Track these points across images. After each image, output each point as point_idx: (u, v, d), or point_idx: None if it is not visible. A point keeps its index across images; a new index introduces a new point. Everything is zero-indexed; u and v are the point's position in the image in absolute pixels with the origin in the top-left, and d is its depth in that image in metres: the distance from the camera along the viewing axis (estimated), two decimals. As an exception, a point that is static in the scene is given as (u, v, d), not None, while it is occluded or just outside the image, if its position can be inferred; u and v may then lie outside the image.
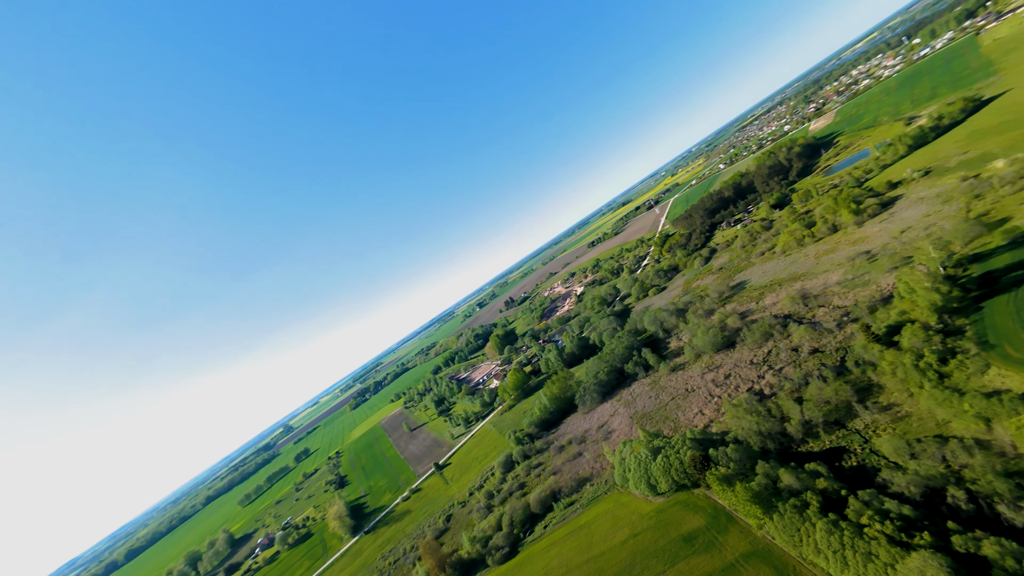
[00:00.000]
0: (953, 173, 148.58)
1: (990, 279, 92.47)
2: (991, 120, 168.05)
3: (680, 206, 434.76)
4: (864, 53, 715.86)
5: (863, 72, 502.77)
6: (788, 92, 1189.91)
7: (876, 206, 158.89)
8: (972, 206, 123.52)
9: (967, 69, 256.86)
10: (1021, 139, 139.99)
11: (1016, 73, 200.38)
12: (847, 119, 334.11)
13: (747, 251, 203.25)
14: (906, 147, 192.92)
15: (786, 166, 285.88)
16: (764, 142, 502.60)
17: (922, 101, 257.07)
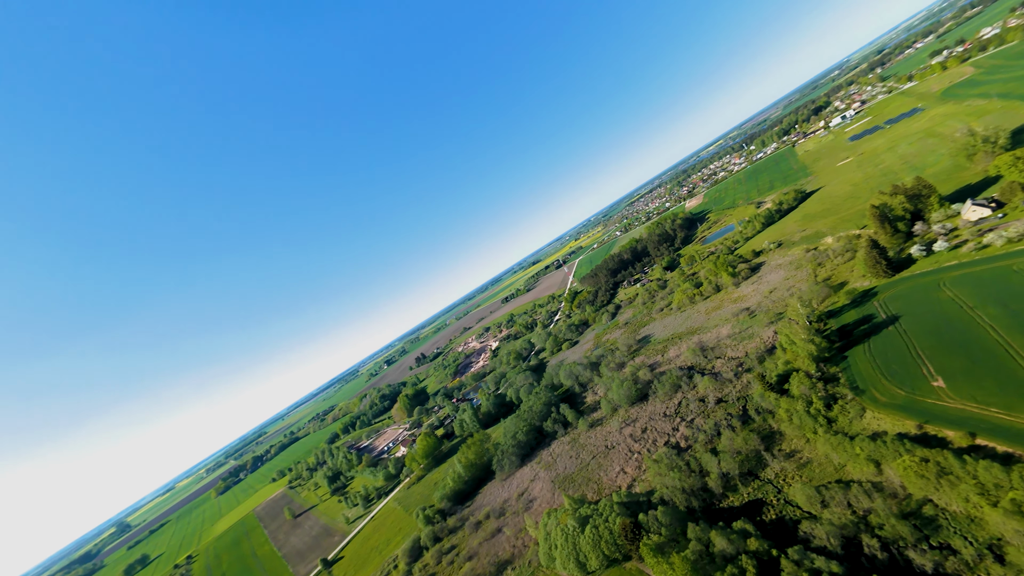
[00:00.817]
0: (798, 246, 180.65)
1: (845, 332, 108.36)
2: (816, 207, 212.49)
3: (585, 266, 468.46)
4: (716, 153, 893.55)
5: (719, 167, 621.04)
6: (664, 178, 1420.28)
7: (747, 270, 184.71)
8: (818, 272, 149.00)
9: (791, 170, 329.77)
10: (840, 222, 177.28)
11: (824, 175, 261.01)
12: (713, 200, 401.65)
13: (648, 307, 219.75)
14: (760, 224, 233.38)
15: (672, 235, 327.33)
16: (651, 215, 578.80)
17: (765, 191, 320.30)
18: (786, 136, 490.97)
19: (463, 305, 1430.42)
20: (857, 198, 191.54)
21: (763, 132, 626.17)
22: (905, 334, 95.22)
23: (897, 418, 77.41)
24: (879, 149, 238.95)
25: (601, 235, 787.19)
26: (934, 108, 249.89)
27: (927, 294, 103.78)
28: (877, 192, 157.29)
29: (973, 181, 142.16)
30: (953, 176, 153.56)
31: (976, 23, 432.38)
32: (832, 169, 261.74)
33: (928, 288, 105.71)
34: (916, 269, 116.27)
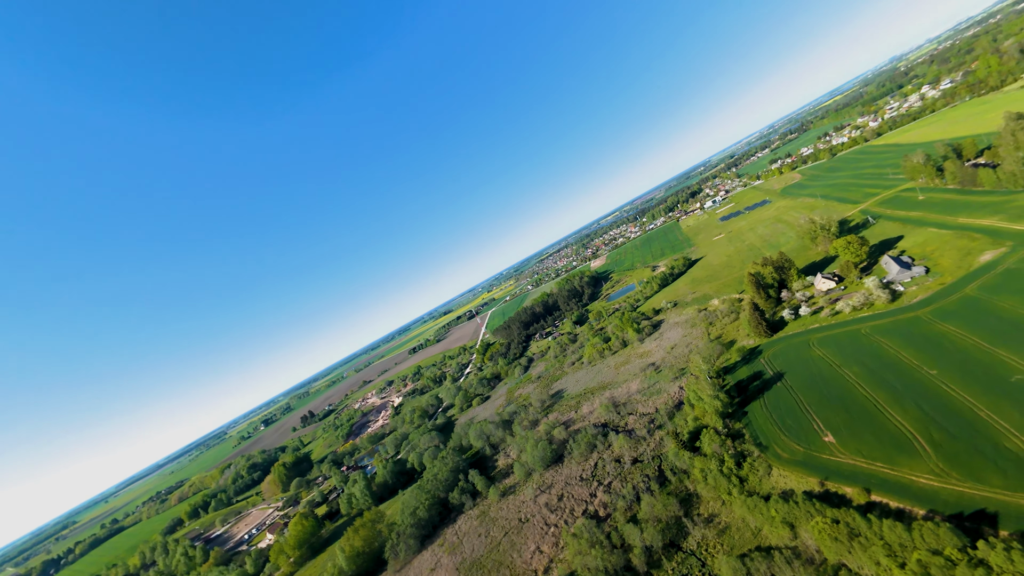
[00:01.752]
0: (691, 306, 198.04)
1: (742, 388, 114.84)
2: (701, 273, 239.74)
3: (498, 318, 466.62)
4: (615, 222, 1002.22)
5: (618, 233, 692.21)
6: (570, 240, 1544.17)
7: (650, 327, 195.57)
8: (710, 331, 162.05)
9: (678, 240, 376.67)
10: (722, 286, 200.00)
11: (704, 246, 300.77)
12: (615, 262, 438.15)
13: (560, 361, 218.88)
14: (657, 285, 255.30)
15: (580, 291, 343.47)
16: (561, 271, 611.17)
17: (658, 256, 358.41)
18: (671, 212, 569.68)
19: (365, 356, 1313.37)
20: (732, 267, 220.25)
21: (652, 207, 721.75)
22: (792, 390, 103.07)
23: (801, 475, 79.41)
24: (743, 229, 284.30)
25: (514, 288, 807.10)
26: (778, 201, 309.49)
27: (801, 352, 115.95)
28: (751, 263, 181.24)
29: (817, 259, 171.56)
30: (802, 254, 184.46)
31: (796, 143, 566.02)
32: (710, 242, 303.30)
33: (801, 347, 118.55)
34: (789, 330, 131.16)
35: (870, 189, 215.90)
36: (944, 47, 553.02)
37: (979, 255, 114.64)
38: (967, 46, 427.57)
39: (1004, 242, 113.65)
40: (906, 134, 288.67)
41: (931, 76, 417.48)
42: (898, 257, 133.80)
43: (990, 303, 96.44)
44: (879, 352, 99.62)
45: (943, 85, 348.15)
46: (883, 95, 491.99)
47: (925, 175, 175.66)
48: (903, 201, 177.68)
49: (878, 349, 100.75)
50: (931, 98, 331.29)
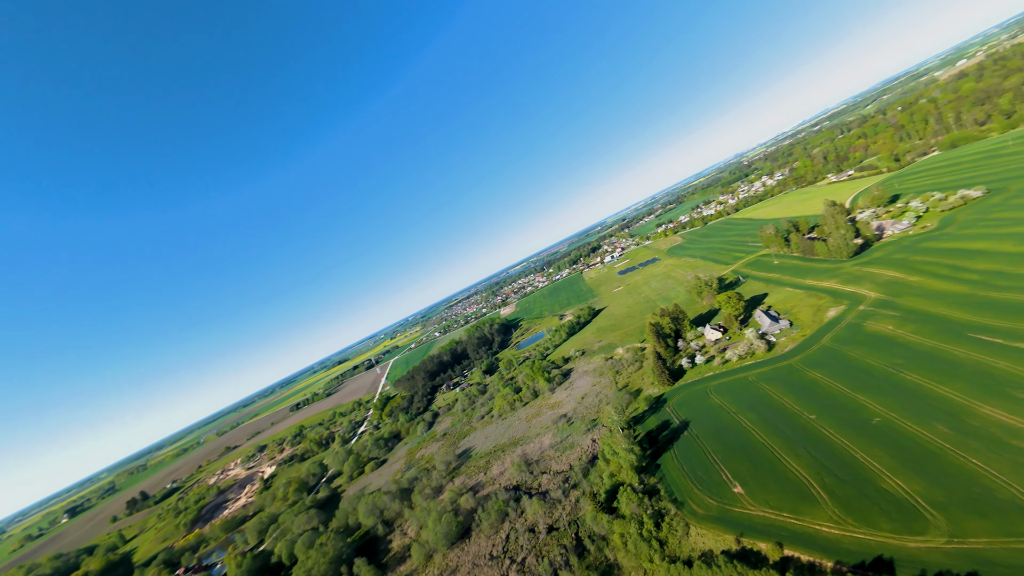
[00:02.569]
0: (598, 355, 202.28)
1: (652, 438, 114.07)
2: (606, 322, 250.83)
3: (401, 367, 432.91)
4: (523, 272, 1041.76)
5: (527, 282, 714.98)
6: (480, 287, 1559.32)
7: (560, 376, 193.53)
8: (617, 380, 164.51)
9: (582, 291, 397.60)
10: (626, 336, 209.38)
11: (606, 297, 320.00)
12: (524, 310, 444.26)
13: (468, 415, 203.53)
14: (565, 334, 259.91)
15: (490, 339, 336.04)
16: (470, 318, 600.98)
17: (565, 305, 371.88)
18: (575, 265, 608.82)
19: (233, 415, 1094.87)
20: (633, 317, 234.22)
21: (558, 260, 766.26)
22: (699, 439, 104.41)
23: (717, 532, 76.66)
24: (639, 283, 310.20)
25: (420, 335, 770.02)
26: (665, 259, 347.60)
27: (702, 400, 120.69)
28: (649, 313, 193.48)
29: (704, 311, 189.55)
30: (691, 306, 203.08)
31: (675, 212, 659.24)
32: (611, 293, 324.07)
33: (701, 395, 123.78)
34: (688, 378, 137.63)
35: (737, 253, 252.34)
36: (772, 150, 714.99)
37: (827, 311, 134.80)
38: (787, 151, 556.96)
39: (842, 301, 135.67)
40: (756, 211, 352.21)
41: (767, 170, 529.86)
42: (767, 311, 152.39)
43: (842, 353, 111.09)
44: (767, 399, 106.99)
45: (776, 177, 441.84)
46: (735, 180, 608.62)
47: (776, 244, 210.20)
48: (763, 264, 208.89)
49: (765, 396, 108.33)
50: (769, 186, 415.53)
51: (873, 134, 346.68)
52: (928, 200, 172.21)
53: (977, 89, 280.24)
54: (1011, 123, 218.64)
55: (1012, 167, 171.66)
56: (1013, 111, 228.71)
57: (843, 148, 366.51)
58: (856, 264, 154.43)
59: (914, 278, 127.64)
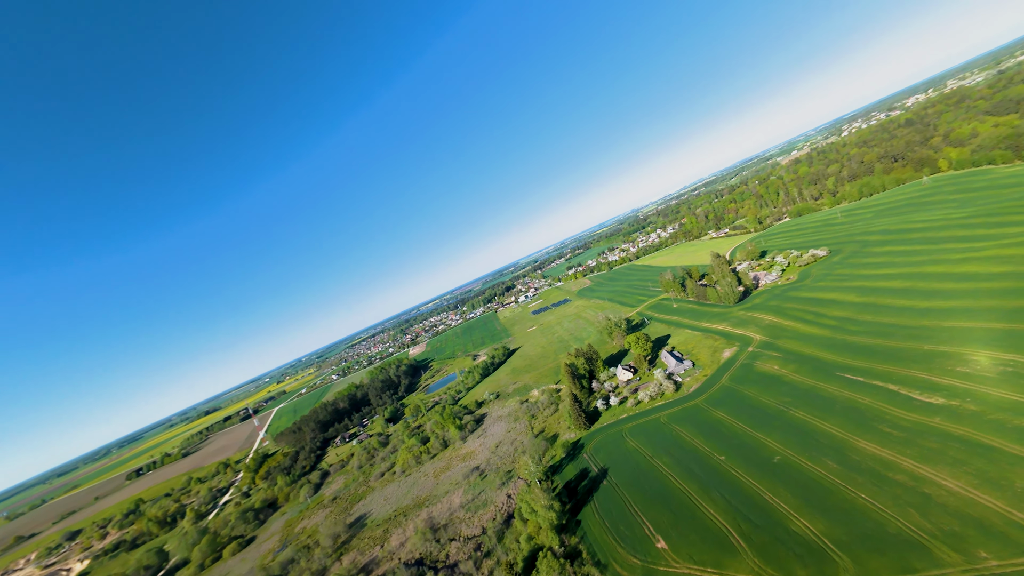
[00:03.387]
0: (513, 397, 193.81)
1: (572, 490, 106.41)
2: (520, 363, 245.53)
3: (287, 417, 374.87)
4: (436, 309, 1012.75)
5: (439, 320, 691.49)
6: (388, 324, 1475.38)
7: (472, 422, 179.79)
8: (533, 424, 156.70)
9: (496, 330, 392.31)
10: (541, 377, 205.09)
11: (520, 337, 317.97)
12: (435, 349, 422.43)
13: (365, 473, 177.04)
14: (479, 375, 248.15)
15: (396, 381, 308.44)
16: (374, 359, 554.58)
17: (479, 344, 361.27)
18: (489, 303, 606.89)
19: (40, 487, 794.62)
20: (547, 357, 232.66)
21: (472, 298, 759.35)
22: (618, 487, 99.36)
23: (644, 600, 69.55)
24: (552, 323, 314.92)
25: (313, 378, 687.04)
26: (576, 300, 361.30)
27: (619, 444, 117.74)
28: (564, 353, 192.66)
29: (615, 351, 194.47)
30: (602, 346, 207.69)
31: (583, 257, 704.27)
32: (525, 333, 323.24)
33: (617, 439, 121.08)
34: (604, 420, 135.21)
35: (640, 296, 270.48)
36: (663, 207, 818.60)
37: (722, 352, 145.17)
38: (676, 209, 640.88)
39: (734, 343, 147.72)
40: (654, 259, 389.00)
41: (660, 224, 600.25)
42: (672, 352, 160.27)
43: (740, 392, 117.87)
44: (679, 441, 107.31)
45: (669, 230, 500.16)
46: (634, 231, 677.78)
47: (674, 289, 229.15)
48: (664, 307, 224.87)
49: (678, 438, 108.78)
50: (663, 237, 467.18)
51: (740, 200, 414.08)
52: (788, 256, 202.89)
53: (810, 172, 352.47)
54: (836, 199, 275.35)
55: (843, 233, 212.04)
56: (836, 190, 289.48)
57: (719, 210, 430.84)
58: (741, 309, 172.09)
59: (787, 322, 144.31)
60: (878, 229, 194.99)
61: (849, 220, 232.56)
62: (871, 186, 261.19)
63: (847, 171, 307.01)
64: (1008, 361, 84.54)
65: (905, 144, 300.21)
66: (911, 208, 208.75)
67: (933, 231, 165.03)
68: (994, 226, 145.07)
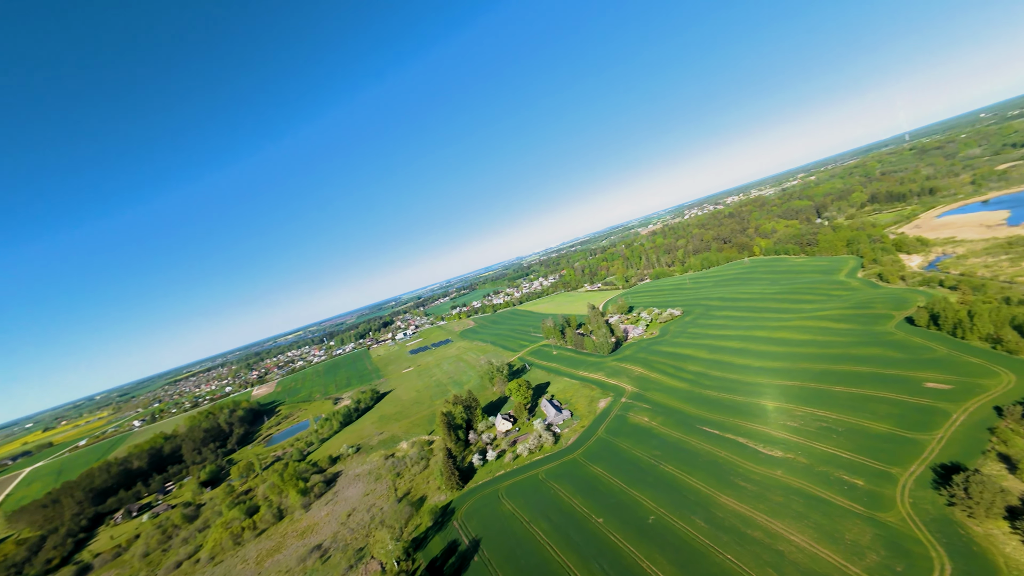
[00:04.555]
0: (377, 451, 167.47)
1: (436, 570, 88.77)
2: (391, 409, 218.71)
3: (43, 482, 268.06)
4: (296, 342, 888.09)
5: (298, 355, 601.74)
6: (232, 357, 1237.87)
7: (322, 484, 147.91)
8: (398, 485, 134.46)
9: (367, 370, 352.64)
10: (412, 426, 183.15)
11: (394, 379, 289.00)
12: (287, 390, 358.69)
13: (152, 563, 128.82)
14: (339, 423, 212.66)
15: (226, 431, 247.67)
16: (202, 400, 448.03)
17: (343, 386, 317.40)
18: (362, 339, 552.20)
19: None
20: (422, 403, 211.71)
21: (342, 331, 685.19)
22: (491, 564, 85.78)
23: None
24: (431, 364, 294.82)
25: (105, 424, 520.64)
26: (458, 342, 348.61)
27: (494, 508, 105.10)
28: (441, 400, 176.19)
29: (495, 398, 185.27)
30: (482, 392, 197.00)
31: (468, 297, 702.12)
32: (400, 374, 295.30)
33: (493, 501, 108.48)
34: (479, 478, 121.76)
35: (522, 341, 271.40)
36: (545, 258, 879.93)
37: (598, 402, 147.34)
38: (556, 261, 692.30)
39: (609, 393, 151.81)
40: (536, 305, 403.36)
41: (542, 273, 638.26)
42: (552, 400, 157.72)
43: (615, 444, 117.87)
44: (557, 501, 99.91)
45: (550, 279, 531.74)
46: (519, 277, 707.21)
47: (555, 336, 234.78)
48: (544, 353, 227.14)
49: (556, 498, 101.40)
50: (545, 286, 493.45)
51: (611, 260, 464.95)
52: (652, 313, 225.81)
53: (664, 243, 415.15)
54: (685, 268, 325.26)
55: (692, 297, 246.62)
56: (685, 260, 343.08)
57: (594, 266, 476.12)
58: (615, 359, 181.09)
59: (654, 375, 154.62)
60: (717, 296, 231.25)
61: (696, 286, 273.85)
62: (710, 260, 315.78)
63: (691, 246, 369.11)
64: (822, 417, 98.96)
65: (730, 231, 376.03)
66: (738, 282, 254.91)
67: (755, 302, 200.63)
68: (796, 302, 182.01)
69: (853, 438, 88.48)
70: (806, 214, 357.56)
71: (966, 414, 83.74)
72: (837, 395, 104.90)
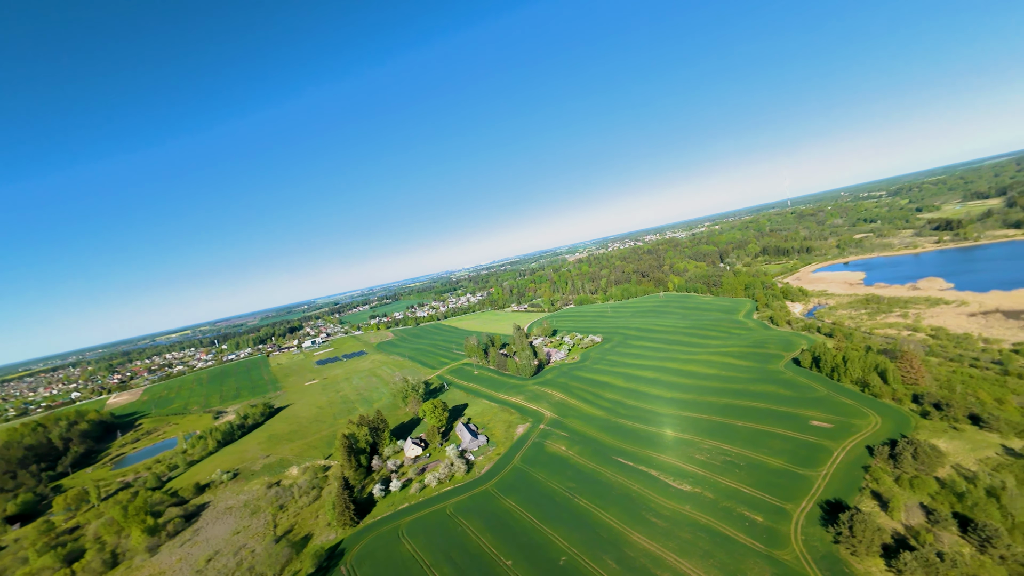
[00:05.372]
0: (259, 477, 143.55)
1: (310, 635, 73.82)
2: (284, 427, 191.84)
3: None
4: (180, 343, 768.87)
5: (179, 358, 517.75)
6: (90, 354, 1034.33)
7: (179, 519, 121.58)
8: (279, 519, 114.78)
9: (262, 380, 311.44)
10: (307, 448, 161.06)
11: (293, 392, 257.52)
12: (156, 400, 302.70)
13: None
14: (216, 442, 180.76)
15: (59, 449, 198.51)
16: (33, 408, 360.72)
17: (230, 398, 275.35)
18: (263, 344, 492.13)
19: None
20: (323, 422, 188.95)
21: (240, 334, 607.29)
22: (379, 624, 73.41)
23: None
24: (339, 377, 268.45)
25: None
26: (373, 354, 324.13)
27: (392, 549, 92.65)
28: (345, 419, 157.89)
29: (407, 419, 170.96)
30: (393, 412, 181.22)
31: (390, 307, 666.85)
32: (301, 387, 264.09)
33: (390, 540, 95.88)
34: (379, 512, 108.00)
35: (443, 358, 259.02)
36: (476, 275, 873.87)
37: (516, 427, 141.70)
38: (485, 279, 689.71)
39: (527, 418, 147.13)
40: (461, 321, 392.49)
41: (470, 289, 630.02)
42: (468, 424, 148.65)
43: (531, 475, 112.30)
44: (464, 540, 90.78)
45: (478, 296, 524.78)
46: (446, 291, 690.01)
47: (477, 355, 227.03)
48: (465, 373, 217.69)
49: (463, 536, 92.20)
50: (472, 303, 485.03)
51: (539, 283, 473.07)
52: (574, 338, 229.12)
53: (589, 271, 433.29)
54: (607, 297, 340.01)
55: (612, 325, 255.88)
56: (607, 290, 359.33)
57: (522, 287, 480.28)
58: (536, 383, 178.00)
59: (573, 401, 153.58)
60: (635, 326, 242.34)
61: (616, 315, 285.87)
62: (629, 291, 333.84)
63: (614, 276, 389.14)
64: (726, 451, 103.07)
65: (648, 266, 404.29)
66: (654, 314, 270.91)
67: (668, 334, 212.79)
68: (703, 337, 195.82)
69: (753, 472, 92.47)
70: (712, 258, 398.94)
71: (844, 452, 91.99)
72: (739, 429, 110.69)
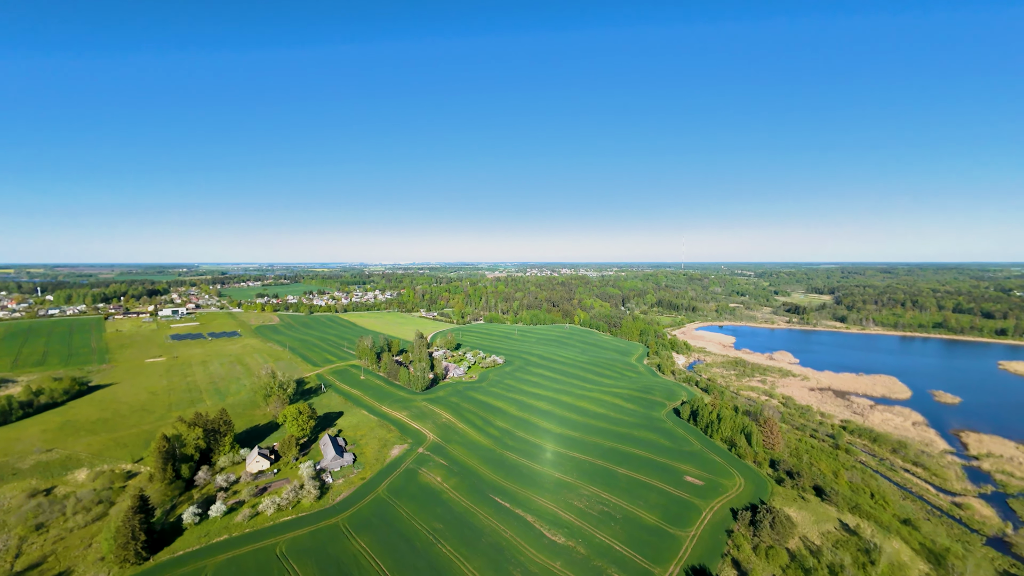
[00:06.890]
0: (22, 479, 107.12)
1: None
2: (92, 412, 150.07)
3: None
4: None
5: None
6: None
7: None
8: (28, 547, 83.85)
9: (86, 347, 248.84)
10: (115, 445, 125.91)
11: (126, 368, 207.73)
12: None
13: None
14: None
15: None
16: None
17: (27, 364, 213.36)
18: (104, 303, 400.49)
19: None
20: (150, 412, 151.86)
21: (78, 286, 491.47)
22: None
23: None
24: (194, 359, 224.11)
25: None
26: (248, 338, 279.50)
27: (183, 600, 70.73)
28: (177, 418, 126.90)
29: (262, 422, 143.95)
30: (249, 411, 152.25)
31: (286, 289, 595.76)
32: (138, 364, 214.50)
33: (188, 586, 73.72)
34: (184, 545, 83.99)
35: (329, 355, 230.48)
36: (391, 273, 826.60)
37: (391, 448, 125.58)
38: (400, 278, 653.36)
39: (407, 439, 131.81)
40: (362, 318, 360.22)
41: (381, 286, 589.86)
42: (335, 438, 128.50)
43: (393, 509, 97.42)
44: (288, 592, 72.74)
45: (387, 295, 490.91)
46: (354, 283, 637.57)
47: (369, 358, 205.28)
48: (350, 376, 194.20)
49: (288, 585, 74.04)
50: (380, 300, 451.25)
51: (454, 293, 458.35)
52: (477, 356, 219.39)
53: (505, 291, 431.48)
54: (516, 320, 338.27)
55: (516, 348, 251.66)
56: (518, 312, 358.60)
57: (435, 294, 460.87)
58: (426, 399, 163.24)
59: (461, 425, 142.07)
60: (537, 352, 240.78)
61: (522, 339, 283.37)
62: (539, 318, 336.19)
63: (527, 301, 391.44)
64: (605, 500, 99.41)
65: (560, 297, 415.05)
66: (558, 344, 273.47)
67: (568, 367, 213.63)
68: (598, 375, 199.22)
69: (628, 527, 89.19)
70: (615, 300, 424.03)
71: (712, 512, 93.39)
72: (619, 477, 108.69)
